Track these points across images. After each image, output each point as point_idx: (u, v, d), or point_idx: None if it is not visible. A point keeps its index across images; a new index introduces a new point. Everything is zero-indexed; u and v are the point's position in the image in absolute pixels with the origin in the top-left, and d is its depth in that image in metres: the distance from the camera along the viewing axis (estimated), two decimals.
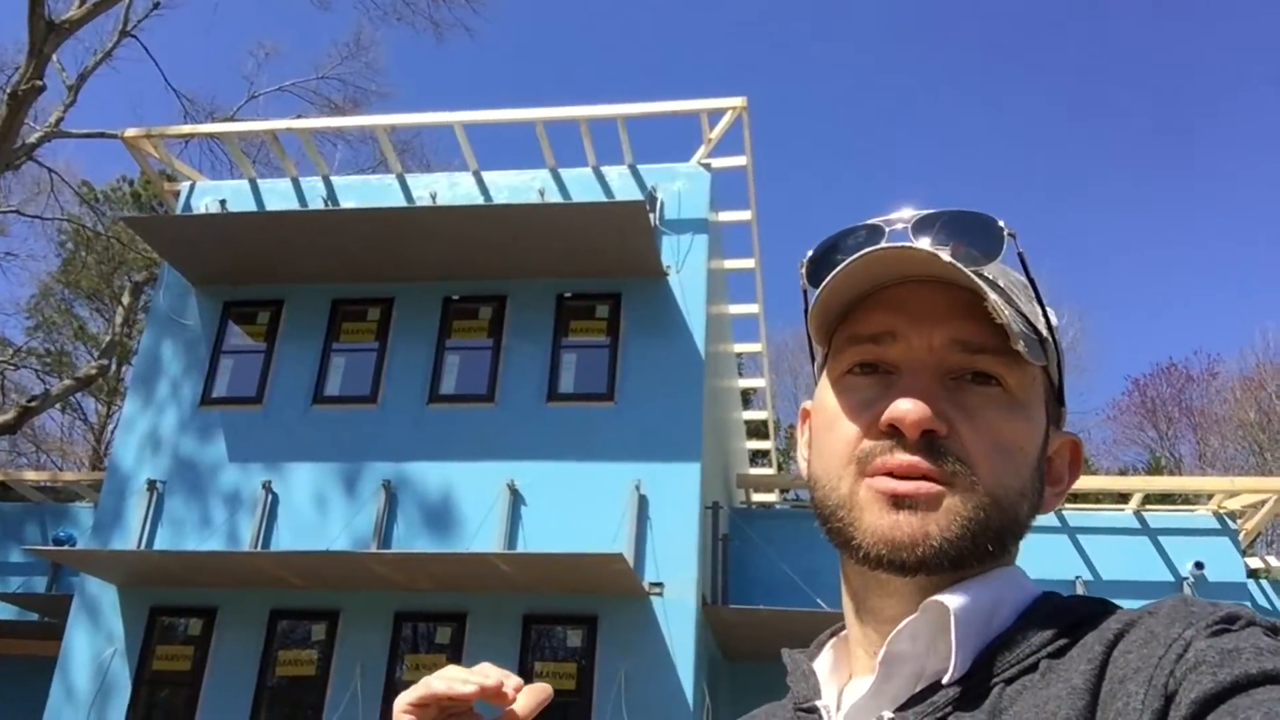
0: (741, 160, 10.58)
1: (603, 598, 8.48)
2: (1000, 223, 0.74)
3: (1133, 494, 11.13)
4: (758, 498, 14.22)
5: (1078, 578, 10.08)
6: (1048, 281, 0.81)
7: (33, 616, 11.25)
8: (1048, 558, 9.93)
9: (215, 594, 9.08)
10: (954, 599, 0.68)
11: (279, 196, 10.85)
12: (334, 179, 11.02)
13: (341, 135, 18.18)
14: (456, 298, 9.99)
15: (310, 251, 9.77)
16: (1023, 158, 45.93)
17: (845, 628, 0.79)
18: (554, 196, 10.21)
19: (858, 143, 48.49)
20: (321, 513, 9.21)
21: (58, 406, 21.75)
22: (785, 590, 9.34)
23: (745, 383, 16.57)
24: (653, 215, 9.59)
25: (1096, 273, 42.66)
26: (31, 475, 14.23)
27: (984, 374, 0.72)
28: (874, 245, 0.72)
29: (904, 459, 0.69)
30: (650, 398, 9.17)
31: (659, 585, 8.49)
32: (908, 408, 0.69)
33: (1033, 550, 0.77)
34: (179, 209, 10.96)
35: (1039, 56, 44.89)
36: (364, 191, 10.81)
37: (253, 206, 10.77)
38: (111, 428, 23.31)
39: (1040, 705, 0.62)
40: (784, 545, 10.01)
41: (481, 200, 10.35)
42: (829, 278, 0.73)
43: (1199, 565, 10.15)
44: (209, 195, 10.94)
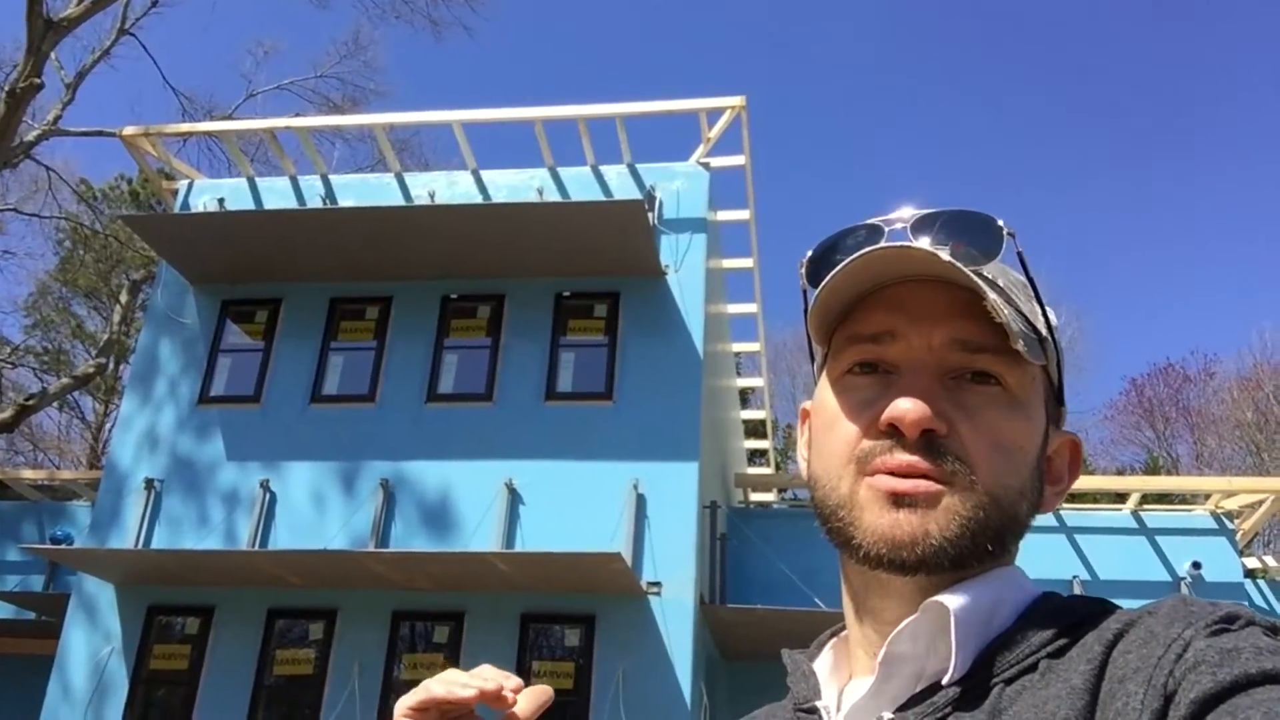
0: (740, 160, 10.57)
1: (601, 597, 8.48)
2: (999, 222, 0.74)
3: (1130, 494, 11.14)
4: (756, 497, 14.22)
5: (1075, 577, 10.08)
6: (1046, 281, 0.82)
7: (30, 615, 11.23)
8: (1045, 557, 9.93)
9: (213, 593, 9.07)
10: (954, 599, 0.68)
11: (277, 195, 10.84)
12: (332, 178, 11.01)
13: (340, 134, 18.18)
14: (455, 297, 9.99)
15: (308, 250, 9.76)
16: (1021, 157, 46.00)
17: (845, 628, 0.79)
18: (552, 195, 10.21)
19: (856, 142, 48.54)
20: (319, 512, 9.21)
21: (55, 405, 21.74)
22: (783, 590, 9.34)
23: (743, 382, 16.56)
24: (651, 214, 9.58)
25: (1094, 272, 42.74)
26: (29, 474, 14.22)
27: (984, 373, 0.72)
28: (874, 245, 0.72)
29: (903, 458, 0.69)
30: (648, 397, 9.17)
31: (657, 584, 8.49)
32: (907, 407, 0.69)
33: (1030, 550, 0.76)
34: (177, 207, 10.95)
35: (1038, 56, 44.95)
36: (362, 190, 10.80)
37: (251, 205, 10.76)
38: (109, 426, 23.30)
39: (1040, 705, 0.62)
40: (782, 544, 10.01)
41: (480, 199, 10.34)
42: (828, 277, 0.73)
43: (1196, 565, 10.16)
44: (207, 194, 10.93)
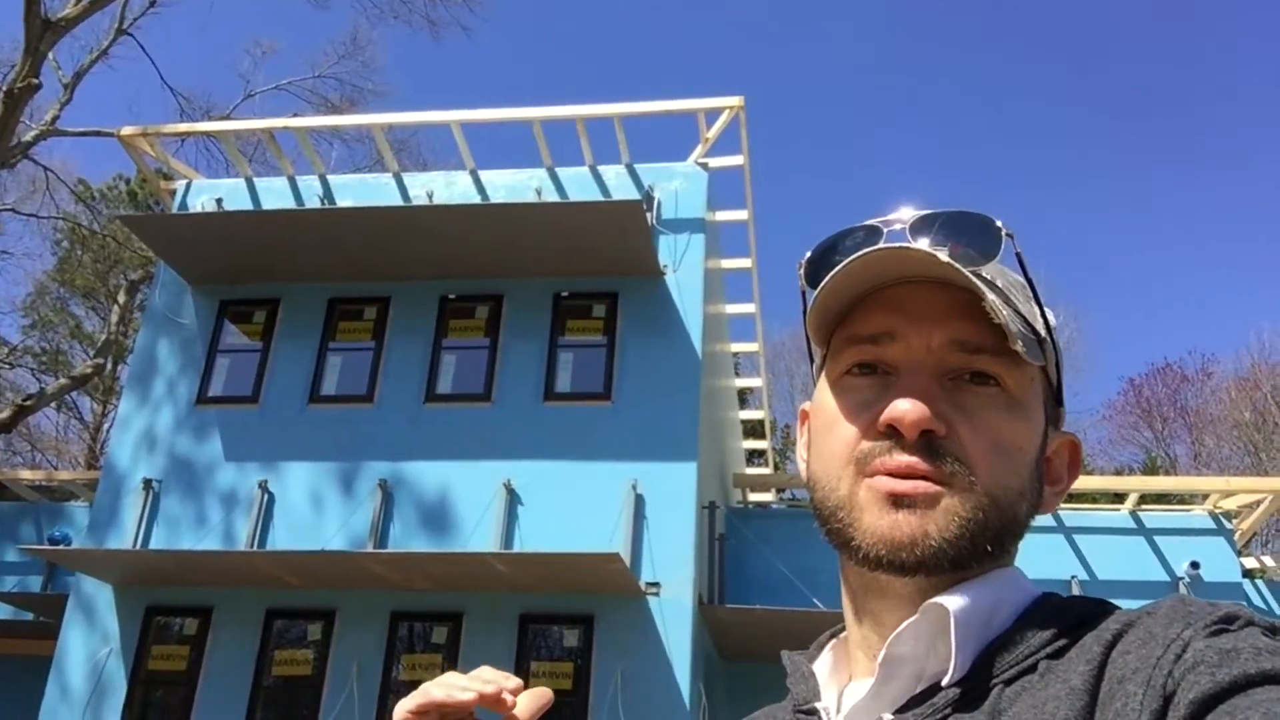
0: (738, 160, 10.57)
1: (599, 597, 8.48)
2: (998, 223, 0.74)
3: (1128, 494, 11.15)
4: (754, 497, 14.22)
5: (1073, 577, 10.09)
6: (1044, 281, 0.83)
7: (28, 616, 11.21)
8: (1043, 558, 9.93)
9: (211, 593, 9.07)
10: (953, 600, 0.68)
11: (275, 195, 10.84)
12: (331, 178, 11.01)
13: (338, 134, 18.17)
14: (453, 297, 9.98)
15: (307, 250, 9.75)
16: (1020, 157, 46.02)
17: (845, 629, 0.79)
18: (551, 196, 10.21)
19: (855, 142, 48.56)
20: (318, 512, 9.20)
21: (53, 405, 21.73)
22: (781, 590, 9.34)
23: (742, 382, 16.56)
24: (650, 215, 9.58)
25: (1092, 272, 42.76)
26: (27, 474, 14.21)
27: (982, 374, 0.72)
28: (872, 246, 0.72)
29: (902, 459, 0.69)
30: (647, 397, 9.17)
31: (655, 585, 8.49)
32: (906, 408, 0.69)
33: (1028, 550, 0.76)
34: (175, 207, 10.95)
35: (1037, 56, 44.97)
36: (360, 190, 10.80)
37: (249, 205, 10.75)
38: (107, 427, 23.28)
39: (1039, 706, 0.62)
40: (780, 545, 10.01)
41: (478, 199, 10.34)
42: (827, 278, 0.73)
43: (1194, 565, 10.16)
44: (205, 194, 10.92)
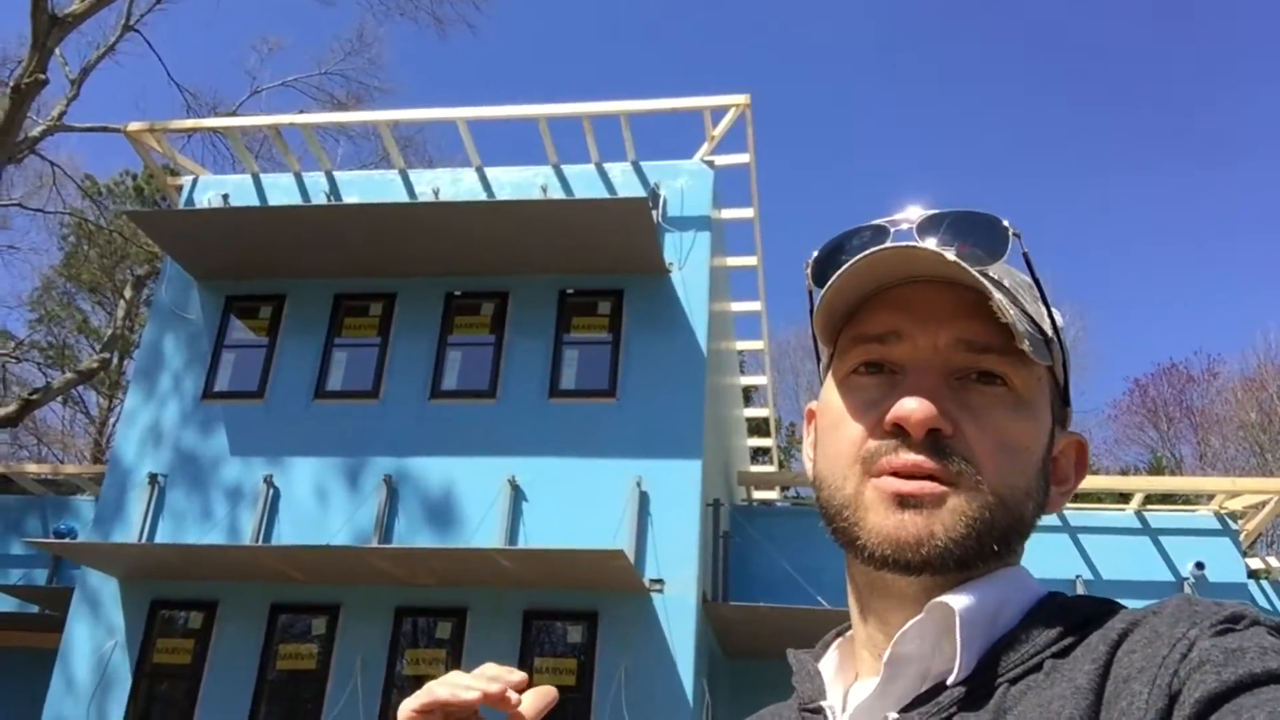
0: (744, 158, 10.56)
1: (603, 594, 8.49)
2: (1005, 223, 0.74)
3: (1134, 494, 11.13)
4: (758, 495, 14.21)
5: (1078, 577, 10.08)
6: (1050, 280, 0.83)
7: (33, 609, 11.25)
8: (1048, 557, 9.92)
9: (216, 587, 9.09)
10: (959, 600, 0.68)
11: (281, 191, 10.85)
12: (337, 174, 11.02)
13: (344, 131, 18.16)
14: (458, 293, 9.99)
15: (312, 246, 9.76)
16: (1024, 156, 45.92)
17: (850, 628, 0.79)
18: (556, 193, 10.21)
19: (861, 140, 48.49)
20: (323, 507, 9.22)
21: (59, 400, 21.80)
22: (785, 587, 9.34)
23: (747, 380, 16.56)
24: (655, 212, 9.58)
25: (1098, 272, 42.66)
26: (33, 468, 14.26)
27: (989, 374, 0.72)
28: (879, 245, 0.72)
29: (909, 458, 0.69)
30: (652, 394, 9.17)
31: (659, 582, 8.50)
32: (913, 407, 0.69)
33: (1033, 550, 0.76)
34: (182, 203, 10.97)
35: (1041, 55, 44.86)
36: (366, 187, 10.81)
37: (255, 201, 10.77)
38: (113, 421, 23.35)
39: (1045, 705, 0.62)
40: (784, 542, 10.01)
41: (484, 196, 10.34)
42: (834, 278, 0.73)
43: (1200, 565, 10.14)
44: (212, 189, 10.94)
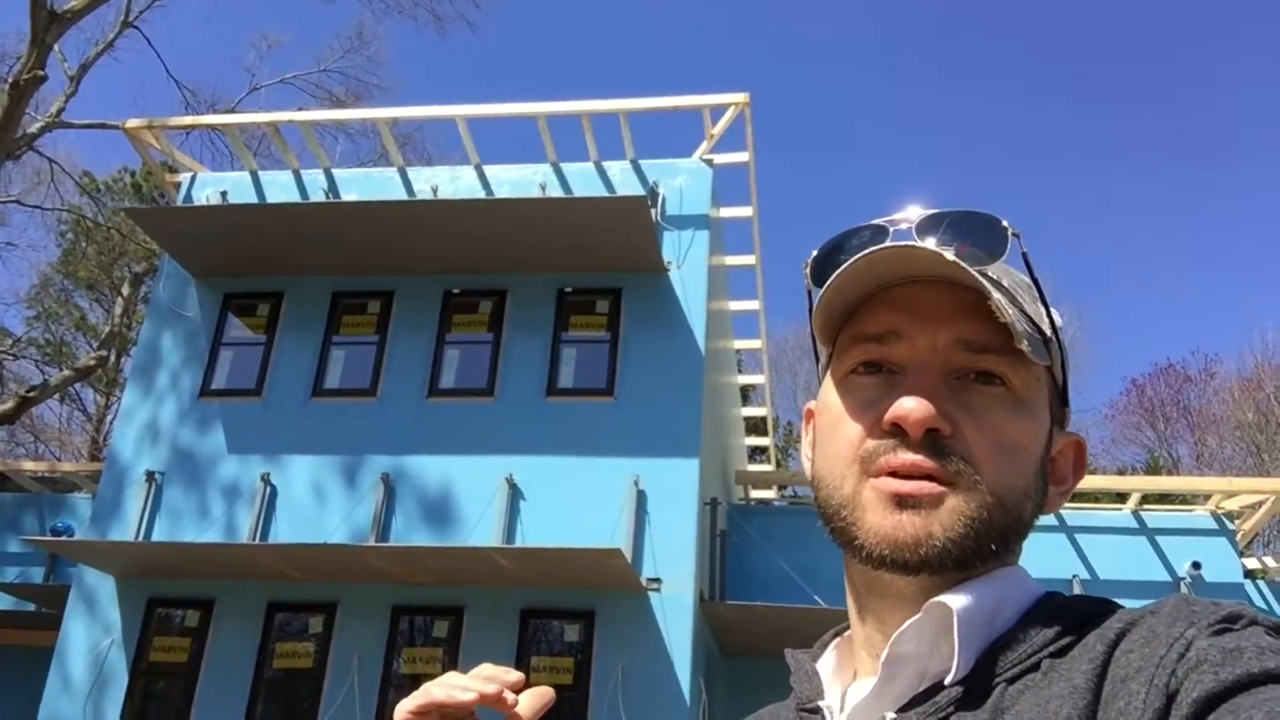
0: (743, 156, 10.56)
1: (600, 593, 8.49)
2: (1004, 223, 0.74)
3: (1131, 493, 11.14)
4: (756, 494, 14.22)
5: (1075, 577, 10.09)
6: (1048, 280, 0.83)
7: (30, 607, 11.24)
8: (1045, 557, 9.93)
9: (213, 585, 9.08)
10: (957, 599, 0.68)
11: (280, 189, 10.84)
12: (335, 172, 11.01)
13: (343, 128, 18.12)
14: (457, 291, 9.98)
15: (311, 244, 9.76)
16: (1024, 156, 45.94)
17: (849, 628, 0.79)
18: (555, 191, 10.21)
19: (860, 139, 48.50)
20: (320, 505, 9.21)
21: (56, 397, 21.78)
22: (783, 586, 9.35)
23: (745, 379, 16.56)
24: (654, 210, 9.58)
25: (1096, 272, 42.69)
26: (30, 465, 14.25)
27: (988, 373, 0.72)
28: (878, 245, 0.72)
29: (907, 458, 0.69)
30: (650, 393, 9.16)
31: (657, 581, 8.50)
32: (911, 406, 0.69)
33: (1030, 549, 0.76)
34: (180, 200, 10.96)
35: (1041, 55, 44.89)
36: (365, 184, 10.80)
37: (254, 198, 10.76)
38: (110, 418, 23.32)
39: (1042, 704, 0.62)
40: (782, 542, 10.01)
41: (483, 194, 10.34)
42: (833, 277, 0.73)
43: (1196, 565, 10.15)
44: (210, 187, 10.93)
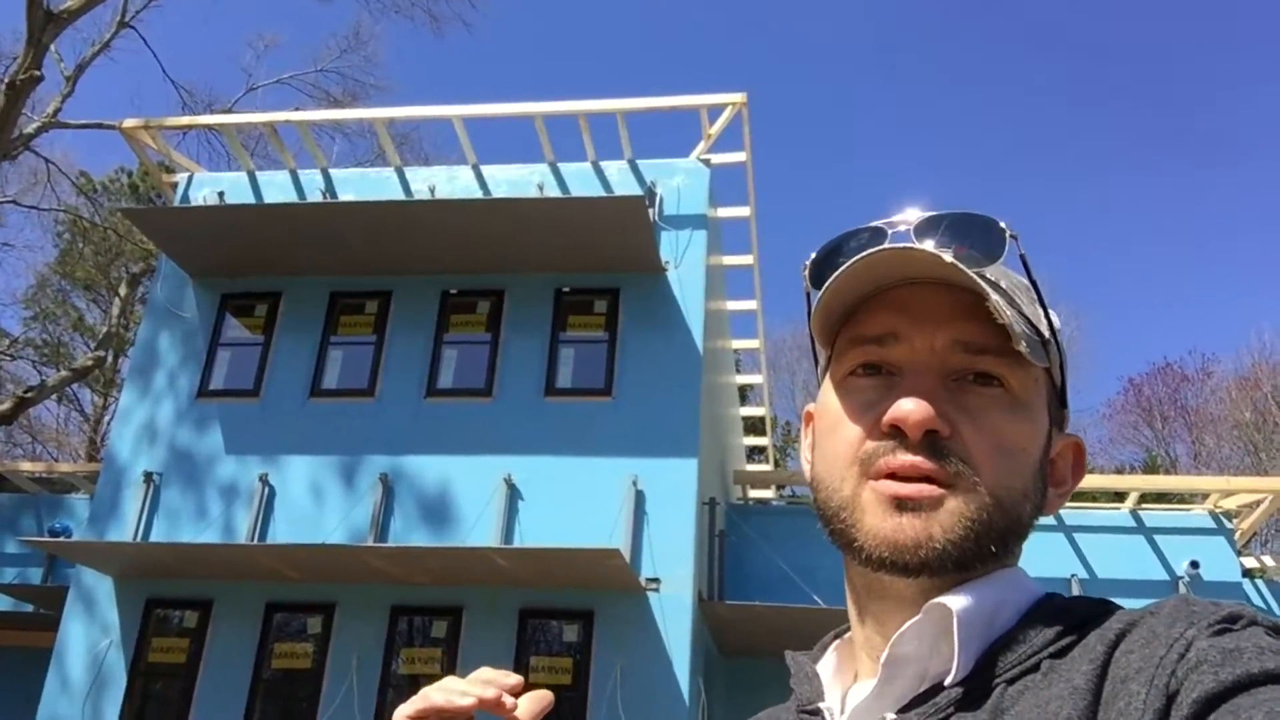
0: (741, 156, 10.56)
1: (599, 593, 8.49)
2: (1002, 224, 0.74)
3: (1129, 493, 11.15)
4: (754, 494, 14.22)
5: (1073, 576, 10.09)
6: (1046, 281, 0.83)
7: (28, 608, 11.23)
8: (1043, 556, 9.94)
9: (211, 586, 9.08)
10: (956, 600, 0.68)
11: (277, 189, 10.83)
12: (332, 172, 11.00)
13: (340, 128, 18.11)
14: (454, 292, 9.98)
15: (308, 244, 9.75)
16: (1024, 156, 45.97)
17: (848, 629, 0.79)
18: (553, 191, 10.21)
19: (860, 140, 48.52)
20: (318, 506, 9.21)
21: (54, 397, 21.75)
22: (781, 586, 9.35)
23: (743, 379, 16.56)
24: (652, 211, 9.58)
25: (1093, 272, 42.72)
26: (27, 466, 14.25)
27: (986, 375, 0.72)
28: (877, 247, 0.72)
29: (906, 459, 0.69)
30: (648, 393, 9.17)
31: (655, 581, 8.50)
32: (910, 408, 0.69)
33: (1028, 549, 0.76)
34: (177, 200, 10.95)
35: (1041, 55, 44.91)
36: (362, 185, 10.79)
37: (251, 199, 10.75)
38: (108, 419, 23.29)
39: (1042, 705, 0.62)
40: (780, 541, 10.02)
41: (480, 194, 10.33)
42: (831, 279, 0.73)
43: (1194, 564, 10.16)
44: (207, 187, 10.92)
